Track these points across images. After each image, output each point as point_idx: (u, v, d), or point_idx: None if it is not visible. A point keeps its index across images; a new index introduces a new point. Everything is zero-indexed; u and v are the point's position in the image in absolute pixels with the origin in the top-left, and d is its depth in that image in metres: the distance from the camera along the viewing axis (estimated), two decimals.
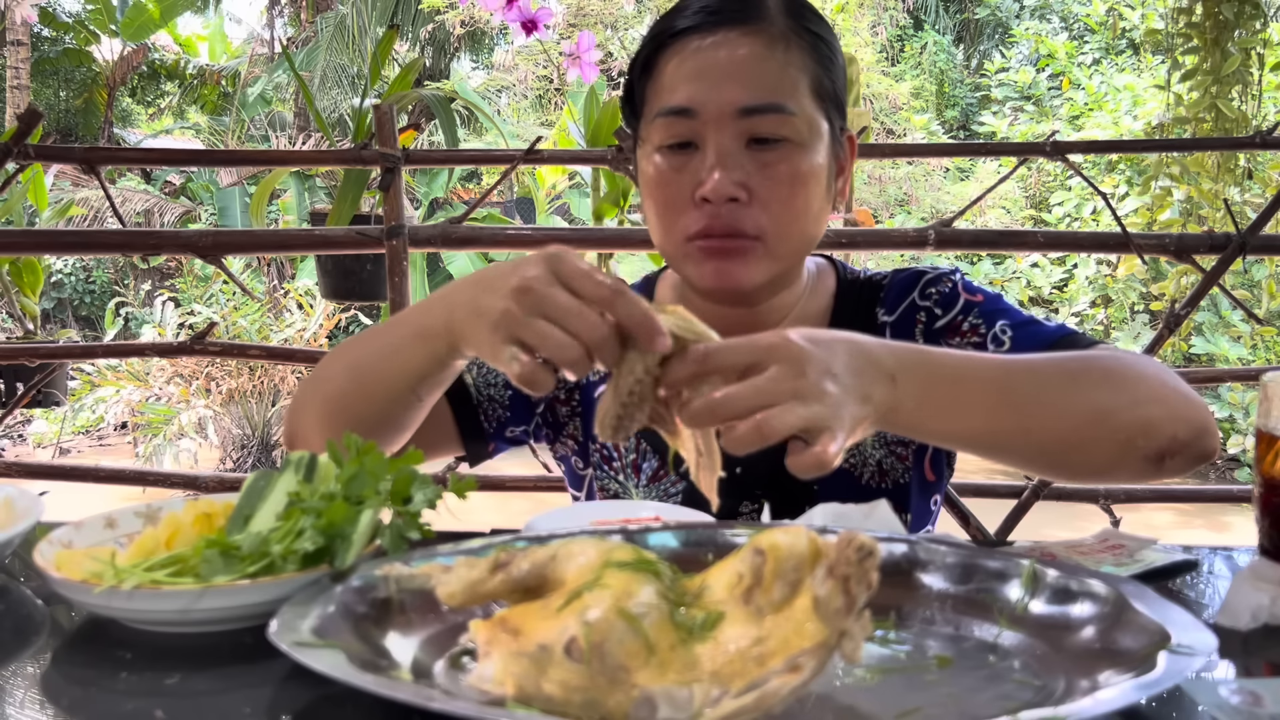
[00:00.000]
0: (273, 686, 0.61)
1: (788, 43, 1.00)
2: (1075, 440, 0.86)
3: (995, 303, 1.07)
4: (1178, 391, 0.90)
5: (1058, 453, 0.88)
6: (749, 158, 0.99)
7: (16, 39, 11.32)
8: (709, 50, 0.99)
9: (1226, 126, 3.74)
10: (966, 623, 0.67)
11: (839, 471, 1.08)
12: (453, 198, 10.41)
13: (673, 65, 1.01)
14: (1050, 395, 0.85)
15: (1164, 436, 0.86)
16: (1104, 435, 0.86)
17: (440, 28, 12.68)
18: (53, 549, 0.74)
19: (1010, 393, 0.84)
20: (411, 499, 0.74)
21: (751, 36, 0.99)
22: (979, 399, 0.82)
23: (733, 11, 1.00)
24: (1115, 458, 0.87)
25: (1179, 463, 0.88)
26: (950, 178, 11.37)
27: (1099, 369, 0.89)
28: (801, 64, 1.00)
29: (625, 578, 0.56)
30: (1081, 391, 0.86)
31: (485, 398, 1.14)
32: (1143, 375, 0.90)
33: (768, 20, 1.00)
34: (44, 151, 2.37)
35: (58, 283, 11.80)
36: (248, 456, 8.41)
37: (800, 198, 1.00)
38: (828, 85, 1.02)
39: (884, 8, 12.52)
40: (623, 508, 0.91)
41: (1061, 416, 0.85)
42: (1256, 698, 0.57)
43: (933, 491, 1.14)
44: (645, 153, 1.05)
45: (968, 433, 0.84)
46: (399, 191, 2.27)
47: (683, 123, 0.99)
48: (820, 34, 1.03)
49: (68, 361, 4.90)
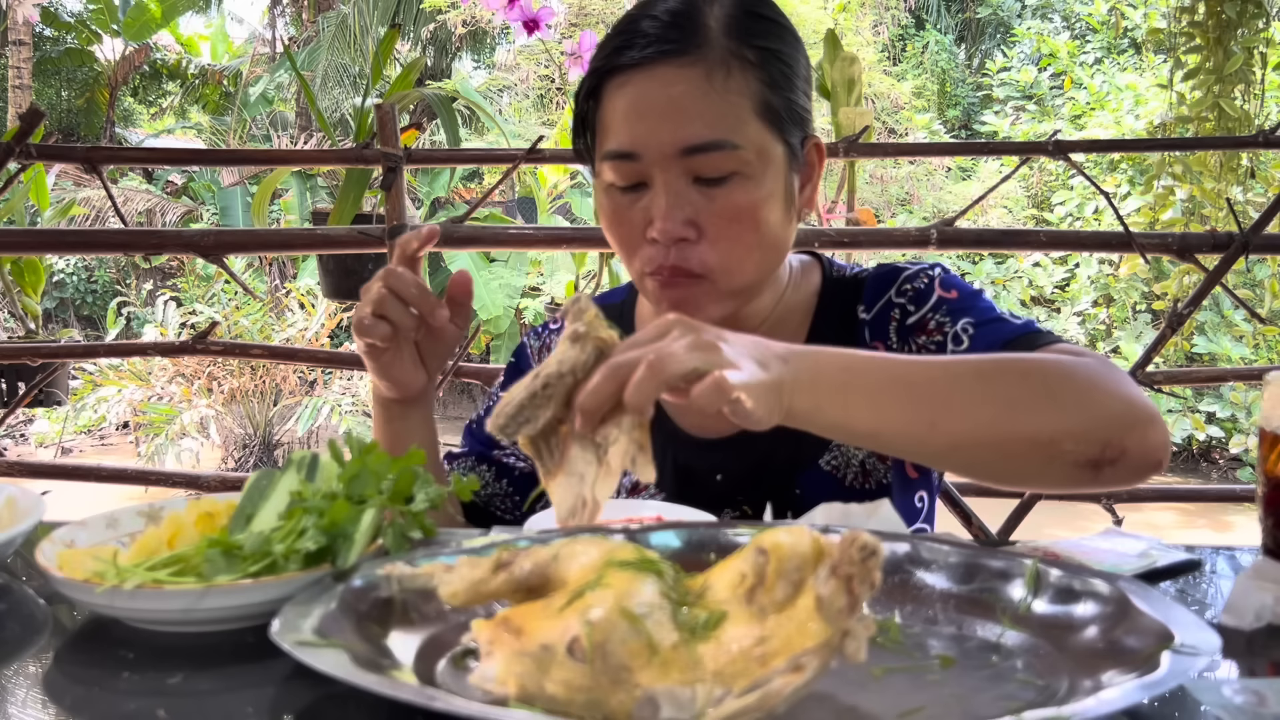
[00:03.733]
0: (275, 686, 0.61)
1: (728, 69, 0.96)
2: (987, 442, 0.82)
3: (968, 300, 1.04)
4: (1118, 396, 0.85)
5: (970, 454, 0.83)
6: (697, 193, 0.96)
7: (18, 38, 11.33)
8: (647, 87, 0.96)
9: (1229, 126, 3.74)
10: (969, 622, 0.67)
11: (822, 475, 1.07)
12: (454, 197, 10.41)
13: (614, 101, 0.98)
14: (960, 393, 0.82)
15: (1094, 442, 0.82)
16: (1021, 439, 0.82)
17: (442, 27, 12.69)
18: (55, 548, 0.74)
19: (912, 388, 0.80)
20: (414, 498, 0.74)
21: (688, 69, 0.95)
22: (873, 391, 0.79)
23: (670, 41, 0.96)
24: (1040, 464, 0.83)
25: (1120, 472, 0.83)
26: (952, 177, 11.37)
27: (1024, 369, 0.85)
28: (744, 89, 0.96)
29: (628, 577, 0.56)
30: (995, 391, 0.82)
31: (485, 497, 1.19)
32: (1076, 376, 0.85)
33: (706, 46, 0.96)
34: (46, 151, 2.37)
35: (60, 282, 11.81)
36: (250, 456, 8.42)
37: (751, 231, 0.97)
38: (777, 103, 0.98)
39: (885, 7, 12.52)
40: (624, 507, 0.91)
41: (969, 416, 0.81)
42: (1260, 698, 0.57)
43: (918, 488, 1.11)
44: (599, 186, 1.03)
45: (863, 425, 0.81)
46: (401, 191, 2.27)
47: (628, 166, 0.97)
48: (769, 47, 0.99)
49: (69, 361, 4.90)
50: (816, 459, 1.07)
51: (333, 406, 8.11)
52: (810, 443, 1.06)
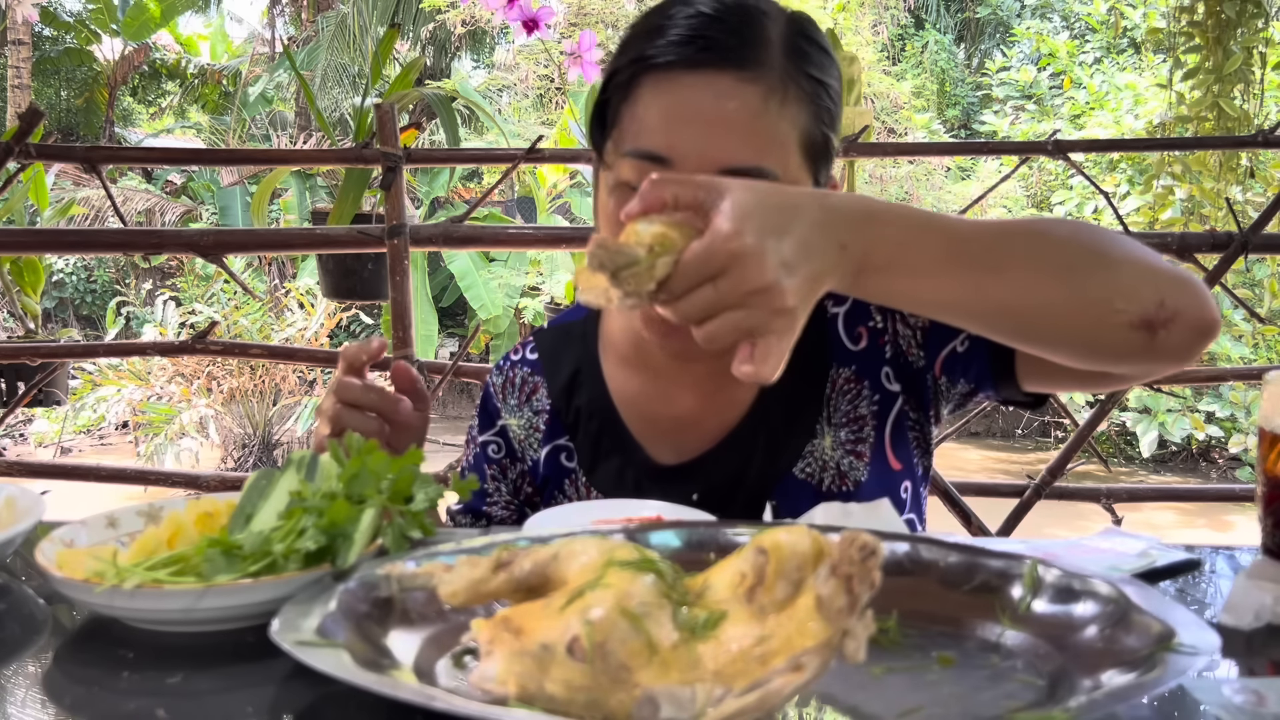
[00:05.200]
0: (275, 686, 0.61)
1: (784, 94, 0.90)
2: (1041, 300, 0.80)
3: None
4: (1162, 262, 0.83)
5: (1022, 317, 0.81)
6: None
7: (18, 38, 11.33)
8: (695, 92, 0.89)
9: (1228, 125, 3.74)
10: (969, 622, 0.67)
11: (798, 483, 1.05)
12: (454, 197, 10.41)
13: (651, 97, 0.91)
14: (1011, 250, 0.80)
15: (1148, 301, 0.80)
16: (1076, 295, 0.80)
17: (441, 27, 12.69)
18: (54, 548, 0.74)
19: (966, 251, 0.78)
20: (413, 498, 0.74)
21: (747, 85, 0.89)
22: (922, 267, 0.77)
23: (728, 48, 0.89)
24: (1092, 325, 0.81)
25: (1176, 335, 0.81)
26: (952, 177, 11.38)
27: (1073, 228, 0.83)
28: (795, 119, 0.91)
29: (627, 577, 0.56)
30: (1045, 247, 0.81)
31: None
32: (1122, 240, 0.83)
33: (766, 65, 0.90)
34: (45, 151, 2.37)
35: (59, 282, 11.81)
36: (249, 455, 8.42)
37: None
38: (819, 137, 0.94)
39: (885, 7, 12.52)
40: (624, 507, 0.91)
41: (1022, 272, 0.79)
42: (1260, 697, 0.57)
43: (901, 479, 1.08)
44: (607, 182, 0.96)
45: (908, 299, 0.80)
46: (400, 191, 2.27)
47: (655, 169, 0.89)
48: (822, 79, 0.94)
49: (69, 361, 4.90)
50: (790, 468, 1.05)
51: None
52: (784, 454, 1.06)
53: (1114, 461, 8.99)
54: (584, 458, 1.11)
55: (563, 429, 1.12)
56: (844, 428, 1.06)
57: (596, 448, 1.10)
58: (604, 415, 1.10)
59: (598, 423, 1.11)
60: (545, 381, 1.14)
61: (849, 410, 1.06)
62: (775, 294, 0.70)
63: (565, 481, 1.12)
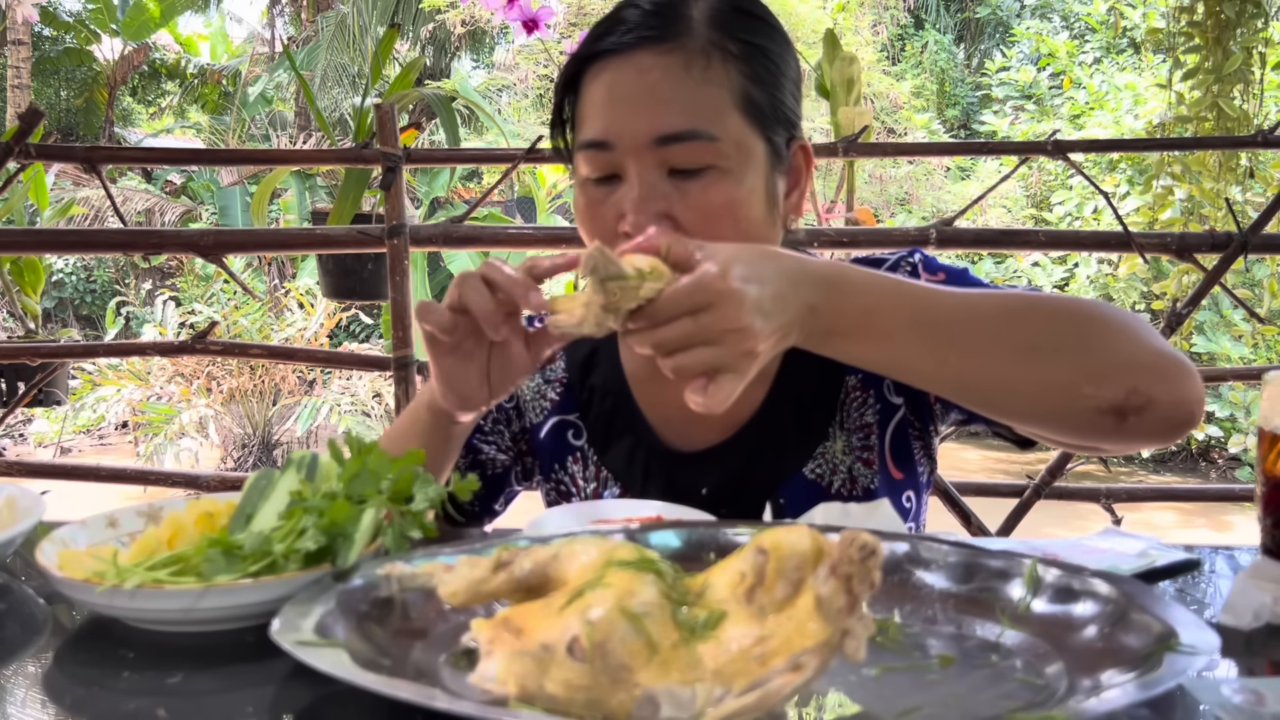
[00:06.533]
0: (275, 685, 0.61)
1: (708, 59, 0.93)
2: (1004, 378, 0.80)
3: (957, 279, 1.02)
4: (1148, 346, 0.82)
5: (984, 392, 0.82)
6: (672, 186, 0.93)
7: (17, 38, 11.33)
8: (624, 74, 0.94)
9: (1228, 125, 3.73)
10: (969, 622, 0.67)
11: (807, 483, 1.06)
12: (454, 197, 10.41)
13: (591, 90, 0.96)
14: (978, 327, 0.80)
15: (1118, 387, 0.79)
16: (1040, 377, 0.80)
17: (441, 27, 12.68)
18: (55, 548, 0.74)
19: (931, 324, 0.80)
20: (413, 498, 0.74)
21: (667, 56, 0.93)
22: (889, 333, 0.79)
23: (650, 28, 0.94)
24: (1058, 406, 0.81)
25: (1148, 424, 0.80)
26: (951, 177, 11.37)
27: (1055, 309, 0.83)
28: (724, 80, 0.93)
29: (627, 577, 0.56)
30: (1017, 332, 0.81)
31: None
32: (1109, 321, 0.82)
33: (687, 35, 0.93)
34: (45, 151, 2.37)
35: (59, 282, 11.81)
36: (249, 455, 8.42)
37: (728, 228, 0.93)
38: (760, 98, 0.95)
39: (885, 7, 12.51)
40: (624, 506, 0.91)
41: (986, 350, 0.80)
42: (1259, 697, 0.57)
43: (904, 488, 1.10)
44: (576, 182, 1.00)
45: (873, 362, 0.82)
46: (400, 191, 2.27)
47: (602, 156, 0.94)
48: (755, 42, 0.96)
49: (69, 361, 4.90)
50: (800, 467, 1.06)
51: (332, 406, 8.12)
52: (794, 452, 1.07)
53: (1113, 461, 8.98)
54: (595, 436, 1.12)
55: (574, 405, 1.14)
56: (854, 433, 1.07)
57: (609, 427, 1.12)
58: (618, 395, 1.12)
59: (611, 402, 1.12)
60: (564, 352, 1.16)
61: (857, 417, 1.08)
62: (748, 336, 0.74)
63: (569, 459, 1.13)
